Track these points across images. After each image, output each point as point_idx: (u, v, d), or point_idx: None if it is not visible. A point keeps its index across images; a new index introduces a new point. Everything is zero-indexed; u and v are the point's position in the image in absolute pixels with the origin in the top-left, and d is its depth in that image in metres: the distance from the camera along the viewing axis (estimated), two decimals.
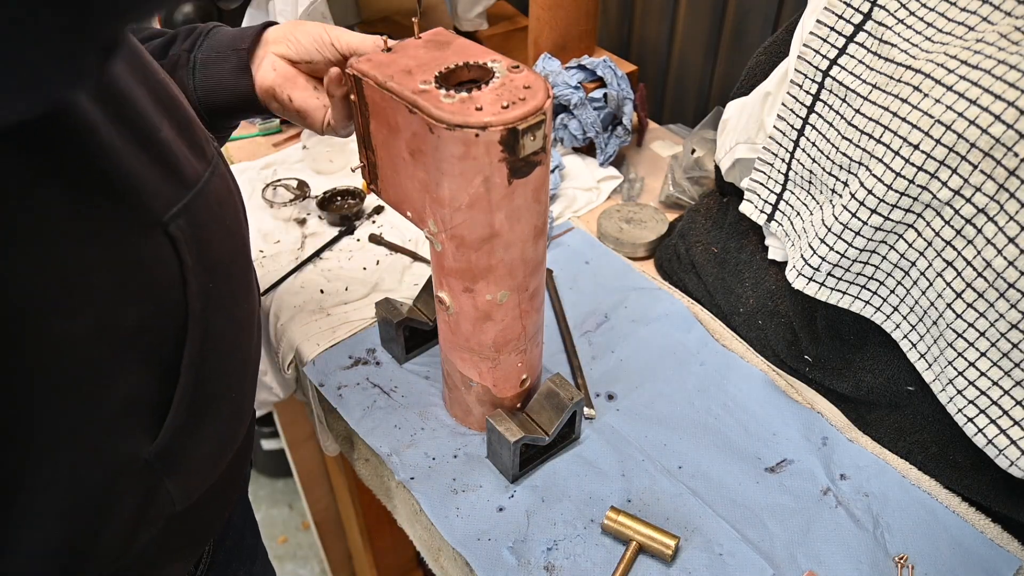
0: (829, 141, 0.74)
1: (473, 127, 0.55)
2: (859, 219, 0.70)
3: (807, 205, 0.80)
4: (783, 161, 0.81)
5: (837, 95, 0.73)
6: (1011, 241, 0.62)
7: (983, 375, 0.67)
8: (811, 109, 0.76)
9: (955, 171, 0.63)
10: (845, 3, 0.72)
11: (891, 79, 0.68)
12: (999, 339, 0.65)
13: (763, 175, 0.84)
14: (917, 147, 0.64)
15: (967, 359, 0.67)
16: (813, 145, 0.76)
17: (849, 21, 0.72)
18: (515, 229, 0.62)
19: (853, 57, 0.72)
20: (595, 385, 0.85)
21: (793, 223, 0.82)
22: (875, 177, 0.68)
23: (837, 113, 0.73)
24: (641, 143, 1.25)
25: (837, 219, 0.72)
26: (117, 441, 0.48)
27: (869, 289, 0.75)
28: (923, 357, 0.73)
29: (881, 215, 0.68)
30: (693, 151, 1.09)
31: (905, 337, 0.75)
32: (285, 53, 0.70)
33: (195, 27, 0.71)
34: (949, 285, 0.67)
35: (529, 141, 0.57)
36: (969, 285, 0.65)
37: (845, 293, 0.76)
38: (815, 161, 0.76)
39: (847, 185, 0.73)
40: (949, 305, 0.67)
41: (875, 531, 0.72)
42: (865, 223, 0.70)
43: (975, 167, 0.62)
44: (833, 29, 0.73)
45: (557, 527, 0.72)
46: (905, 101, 0.65)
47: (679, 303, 0.94)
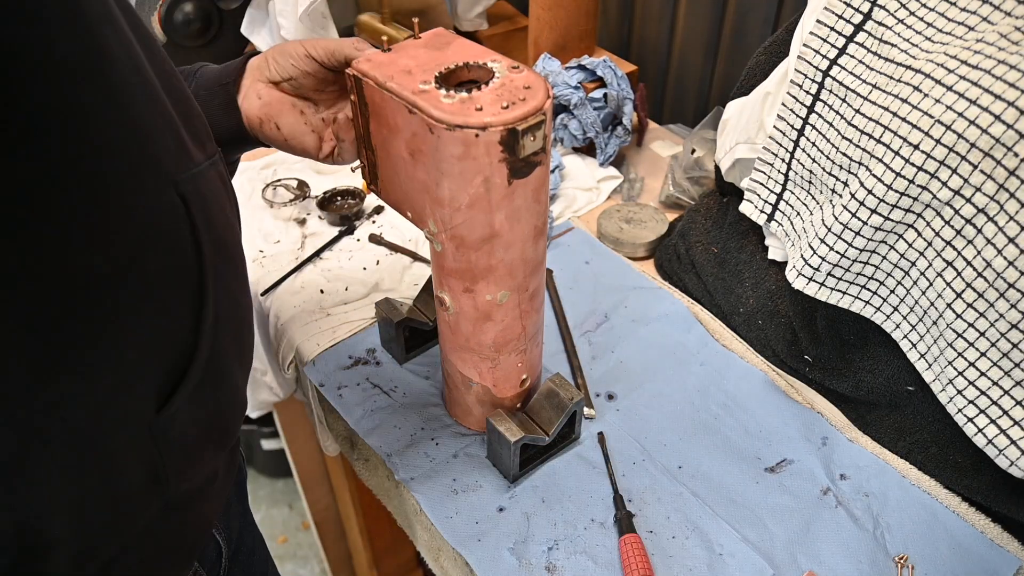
0: (829, 141, 0.74)
1: (473, 127, 0.55)
2: (859, 219, 0.70)
3: (807, 205, 0.80)
4: (783, 161, 0.81)
5: (837, 95, 0.73)
6: (1011, 241, 0.62)
7: (983, 375, 0.67)
8: (811, 109, 0.76)
9: (955, 171, 0.63)
10: (845, 3, 0.72)
11: (891, 79, 0.68)
12: (999, 339, 0.65)
13: (763, 175, 0.84)
14: (917, 147, 0.64)
15: (967, 359, 0.67)
16: (813, 145, 0.76)
17: (849, 21, 0.72)
18: (515, 229, 0.62)
19: (853, 57, 0.72)
20: (595, 385, 0.85)
21: (793, 223, 0.82)
22: (875, 177, 0.68)
23: (837, 113, 0.73)
24: (641, 143, 1.25)
25: (837, 219, 0.72)
26: (126, 400, 0.47)
27: (869, 289, 0.75)
28: (923, 357, 0.73)
29: (881, 215, 0.68)
30: (693, 151, 1.09)
31: (905, 337, 0.75)
32: (267, 76, 0.70)
33: (183, 69, 0.71)
34: (949, 285, 0.67)
35: (529, 141, 0.57)
36: (969, 285, 0.65)
37: (845, 293, 0.76)
38: (815, 161, 0.76)
39: (847, 185, 0.73)
40: (949, 305, 0.67)
41: (875, 531, 0.72)
42: (865, 223, 0.70)
43: (975, 167, 0.62)
44: (833, 29, 0.73)
45: (557, 527, 0.72)
46: (905, 101, 0.65)
47: (679, 303, 0.94)
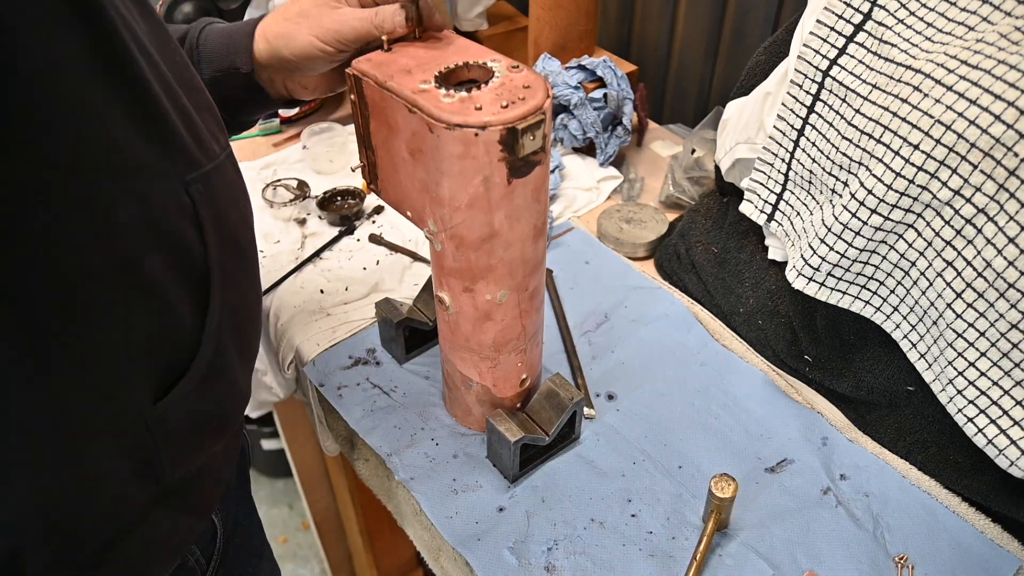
0: (829, 141, 0.74)
1: (473, 127, 0.55)
2: (859, 219, 0.70)
3: (807, 205, 0.80)
4: (783, 161, 0.81)
5: (837, 95, 0.73)
6: (1011, 241, 0.62)
7: (983, 375, 0.67)
8: (811, 109, 0.76)
9: (955, 171, 0.63)
10: (845, 3, 0.72)
11: (891, 79, 0.68)
12: (999, 339, 0.65)
13: (763, 175, 0.84)
14: (917, 147, 0.64)
15: (967, 359, 0.67)
16: (813, 145, 0.76)
17: (849, 21, 0.72)
18: (515, 229, 0.62)
19: (853, 57, 0.72)
20: (595, 385, 0.85)
21: (793, 223, 0.82)
22: (875, 177, 0.68)
23: (837, 113, 0.73)
24: (641, 143, 1.25)
25: (837, 219, 0.72)
26: (123, 392, 0.48)
27: (869, 289, 0.75)
28: (923, 357, 0.73)
29: (881, 215, 0.68)
30: (693, 151, 1.09)
31: (905, 337, 0.75)
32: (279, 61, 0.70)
33: (184, 40, 0.70)
34: (949, 285, 0.67)
35: (529, 141, 0.57)
36: (969, 285, 0.65)
37: (845, 293, 0.76)
38: (815, 161, 0.76)
39: (847, 185, 0.73)
40: (949, 305, 0.67)
41: (875, 531, 0.72)
42: (865, 223, 0.70)
43: (975, 167, 0.62)
44: (833, 29, 0.73)
45: (557, 527, 0.72)
46: (905, 101, 0.65)
47: (679, 303, 0.94)
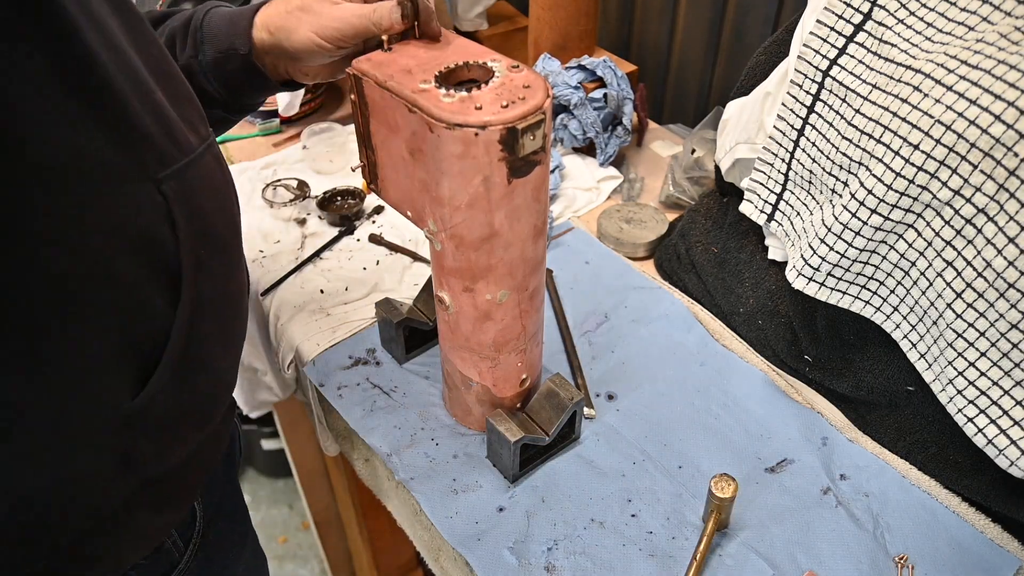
0: (829, 141, 0.74)
1: (472, 126, 0.55)
2: (859, 219, 0.70)
3: (807, 205, 0.80)
4: (783, 161, 0.81)
5: (837, 95, 0.73)
6: (1011, 241, 0.62)
7: (983, 375, 0.67)
8: (811, 109, 0.76)
9: (955, 171, 0.63)
10: (845, 3, 0.72)
11: (891, 79, 0.68)
12: (999, 339, 0.65)
13: (763, 175, 0.84)
14: (917, 147, 0.64)
15: (967, 359, 0.67)
16: (813, 145, 0.76)
17: (849, 21, 0.72)
18: (515, 228, 0.62)
19: (853, 57, 0.72)
20: (595, 385, 0.85)
21: (793, 223, 0.82)
22: (875, 177, 0.68)
23: (837, 113, 0.73)
24: (641, 143, 1.25)
25: (837, 219, 0.72)
26: (99, 389, 0.49)
27: (869, 289, 0.75)
28: (923, 357, 0.73)
29: (881, 215, 0.68)
30: (693, 151, 1.09)
31: (905, 337, 0.75)
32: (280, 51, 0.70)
33: (190, 22, 0.70)
34: (949, 285, 0.67)
35: (529, 140, 0.57)
36: (969, 285, 0.65)
37: (845, 293, 0.76)
38: (815, 161, 0.76)
39: (847, 185, 0.73)
40: (949, 305, 0.67)
41: (875, 531, 0.72)
42: (865, 223, 0.70)
43: (975, 167, 0.62)
44: (833, 29, 0.73)
45: (557, 527, 0.72)
46: (905, 101, 0.65)
47: (679, 303, 0.94)
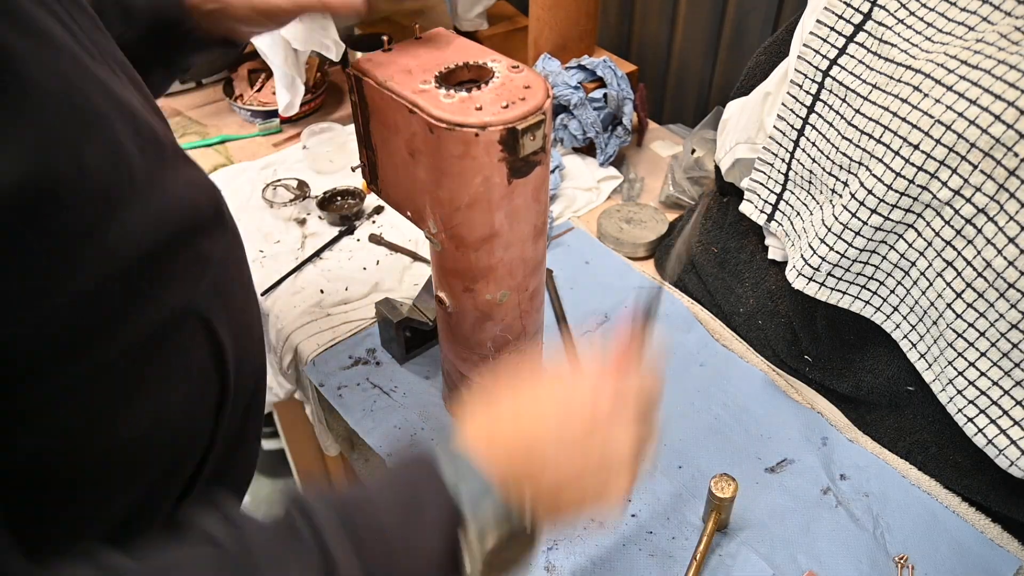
0: (829, 141, 0.74)
1: (473, 127, 0.55)
2: (859, 219, 0.70)
3: (807, 205, 0.80)
4: (783, 161, 0.81)
5: (837, 95, 0.73)
6: (1011, 241, 0.62)
7: (983, 375, 0.67)
8: (811, 109, 0.76)
9: (955, 171, 0.63)
10: (845, 3, 0.72)
11: (891, 79, 0.68)
12: (999, 339, 0.65)
13: (763, 175, 0.84)
14: (917, 147, 0.64)
15: (967, 359, 0.67)
16: (813, 145, 0.76)
17: (849, 21, 0.72)
18: (515, 229, 0.62)
19: (853, 57, 0.72)
20: None
21: (793, 223, 0.82)
22: (875, 177, 0.68)
23: (837, 113, 0.73)
24: (641, 143, 1.25)
25: (837, 219, 0.72)
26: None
27: (869, 289, 0.75)
28: (923, 357, 0.73)
29: (881, 215, 0.68)
30: (693, 151, 1.09)
31: (905, 337, 0.75)
32: None
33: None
34: (949, 285, 0.67)
35: (529, 141, 0.57)
36: (969, 285, 0.65)
37: (845, 293, 0.76)
38: (815, 161, 0.76)
39: (847, 185, 0.73)
40: (949, 305, 0.67)
41: (875, 531, 0.72)
42: (865, 223, 0.70)
43: (975, 167, 0.62)
44: (833, 29, 0.73)
45: (557, 527, 0.72)
46: (905, 101, 0.65)
47: (679, 303, 0.94)
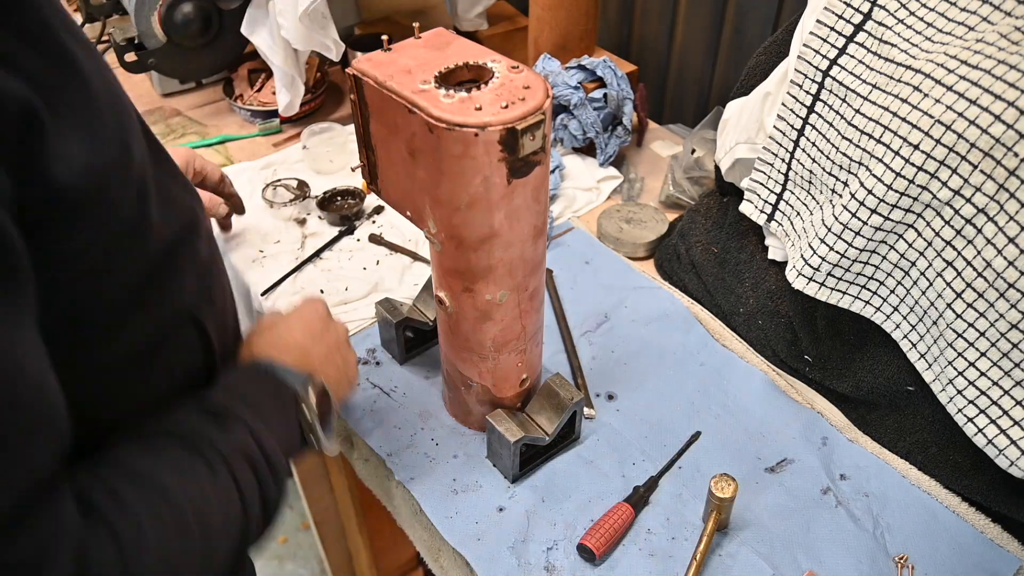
0: (829, 141, 0.74)
1: (472, 127, 0.55)
2: (859, 219, 0.70)
3: (807, 205, 0.80)
4: (783, 161, 0.81)
5: (837, 95, 0.73)
6: (1011, 241, 0.62)
7: (983, 375, 0.67)
8: (811, 109, 0.76)
9: (955, 171, 0.63)
10: (845, 3, 0.72)
11: (891, 79, 0.68)
12: (999, 339, 0.65)
13: (763, 175, 0.84)
14: (917, 147, 0.64)
15: (967, 359, 0.67)
16: (813, 145, 0.76)
17: (849, 21, 0.72)
18: (515, 229, 0.62)
19: (853, 57, 0.72)
20: (595, 385, 0.85)
21: (793, 223, 0.82)
22: (875, 177, 0.68)
23: (837, 113, 0.73)
24: (641, 143, 1.25)
25: (837, 219, 0.72)
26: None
27: (869, 289, 0.75)
28: (923, 357, 0.73)
29: (881, 215, 0.68)
30: (693, 151, 1.09)
31: (905, 337, 0.75)
32: None
33: None
34: (949, 285, 0.67)
35: (528, 141, 0.57)
36: (969, 285, 0.65)
37: (845, 293, 0.76)
38: (815, 161, 0.76)
39: (847, 185, 0.73)
40: (949, 305, 0.67)
41: (875, 531, 0.72)
42: (865, 223, 0.70)
43: (975, 167, 0.62)
44: (833, 29, 0.73)
45: (557, 527, 0.72)
46: (905, 101, 0.65)
47: (679, 303, 0.94)
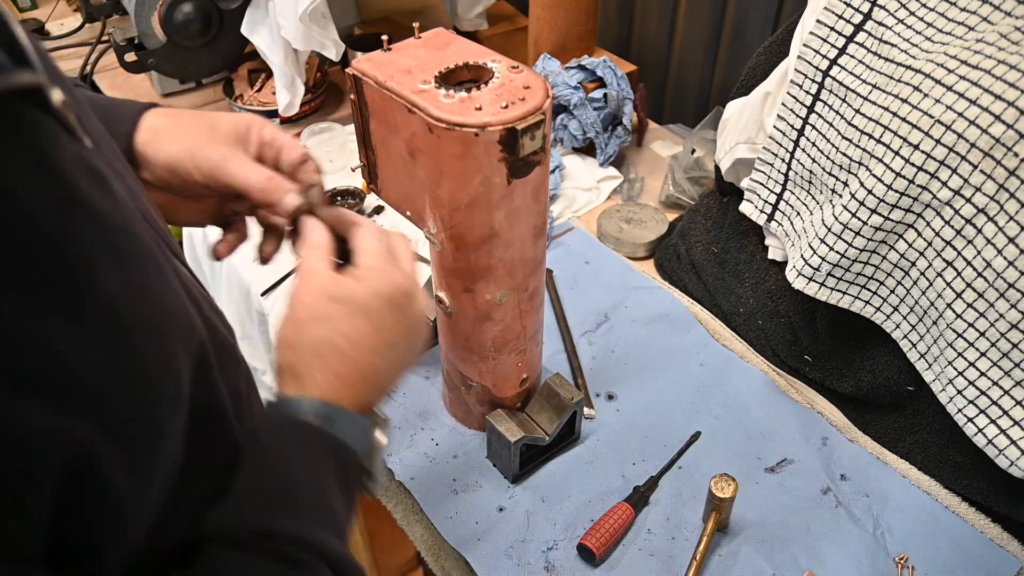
0: (829, 141, 0.74)
1: (472, 127, 0.55)
2: (859, 219, 0.70)
3: (807, 205, 0.80)
4: (783, 161, 0.81)
5: (837, 95, 0.73)
6: (1011, 241, 0.62)
7: (983, 375, 0.67)
8: (811, 109, 0.76)
9: (955, 171, 0.63)
10: (845, 3, 0.72)
11: (891, 79, 0.68)
12: (999, 339, 0.65)
13: (763, 175, 0.84)
14: (917, 147, 0.64)
15: (967, 359, 0.67)
16: (813, 145, 0.76)
17: (849, 21, 0.72)
18: (515, 229, 0.62)
19: (853, 57, 0.72)
20: (595, 385, 0.85)
21: (793, 223, 0.82)
22: (875, 177, 0.68)
23: (837, 113, 0.73)
24: (641, 143, 1.25)
25: (837, 219, 0.72)
26: None
27: (869, 289, 0.75)
28: (923, 357, 0.73)
29: (881, 215, 0.68)
30: (693, 151, 1.09)
31: (905, 337, 0.75)
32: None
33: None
34: (949, 285, 0.67)
35: (528, 141, 0.57)
36: (969, 285, 0.65)
37: (845, 293, 0.76)
38: (815, 161, 0.76)
39: (847, 185, 0.73)
40: (949, 305, 0.67)
41: (875, 531, 0.72)
42: (865, 223, 0.70)
43: (975, 167, 0.62)
44: (833, 29, 0.73)
45: (557, 527, 0.72)
46: (905, 101, 0.65)
47: (679, 303, 0.94)
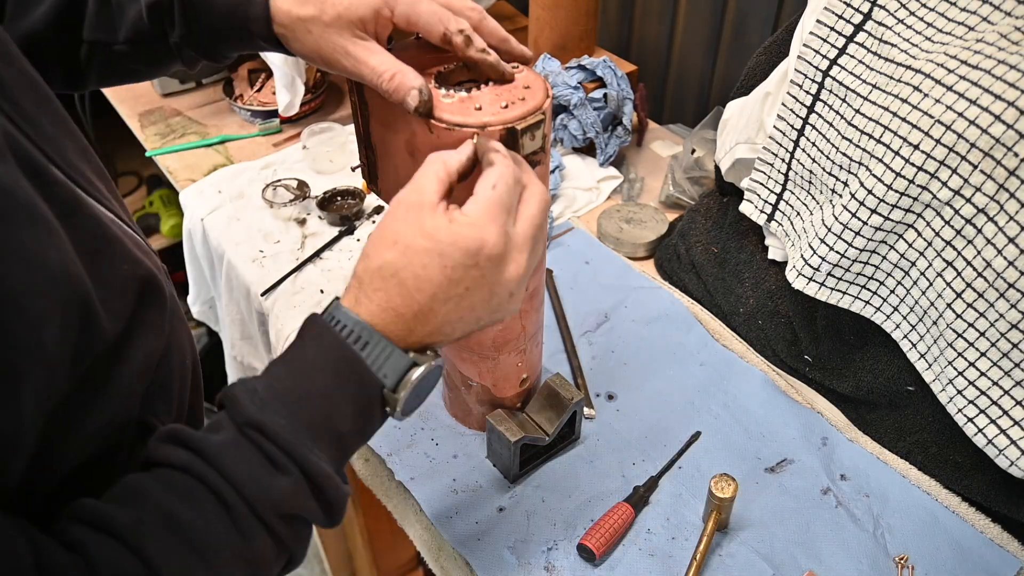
0: (829, 141, 0.74)
1: (472, 126, 0.55)
2: (859, 219, 0.70)
3: (807, 205, 0.80)
4: (783, 161, 0.81)
5: (837, 95, 0.73)
6: (1011, 241, 0.62)
7: (983, 375, 0.67)
8: (811, 109, 0.76)
9: (955, 171, 0.63)
10: (845, 3, 0.72)
11: (891, 79, 0.68)
12: (999, 339, 0.65)
13: (763, 175, 0.84)
14: (917, 147, 0.64)
15: (967, 359, 0.67)
16: (813, 145, 0.76)
17: (849, 21, 0.72)
18: None
19: (853, 57, 0.72)
20: (595, 385, 0.85)
21: (793, 223, 0.82)
22: (875, 177, 0.68)
23: (837, 113, 0.73)
24: (641, 143, 1.25)
25: (837, 219, 0.72)
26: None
27: (869, 289, 0.75)
28: (923, 357, 0.73)
29: (881, 215, 0.68)
30: (693, 151, 1.09)
31: (905, 337, 0.75)
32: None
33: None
34: (949, 285, 0.67)
35: (528, 141, 0.57)
36: (969, 285, 0.65)
37: (845, 293, 0.76)
38: (815, 161, 0.76)
39: (847, 185, 0.73)
40: (949, 305, 0.67)
41: (875, 531, 0.72)
42: (865, 223, 0.70)
43: (975, 167, 0.62)
44: (833, 29, 0.73)
45: (557, 527, 0.72)
46: (905, 101, 0.65)
47: (679, 303, 0.94)
